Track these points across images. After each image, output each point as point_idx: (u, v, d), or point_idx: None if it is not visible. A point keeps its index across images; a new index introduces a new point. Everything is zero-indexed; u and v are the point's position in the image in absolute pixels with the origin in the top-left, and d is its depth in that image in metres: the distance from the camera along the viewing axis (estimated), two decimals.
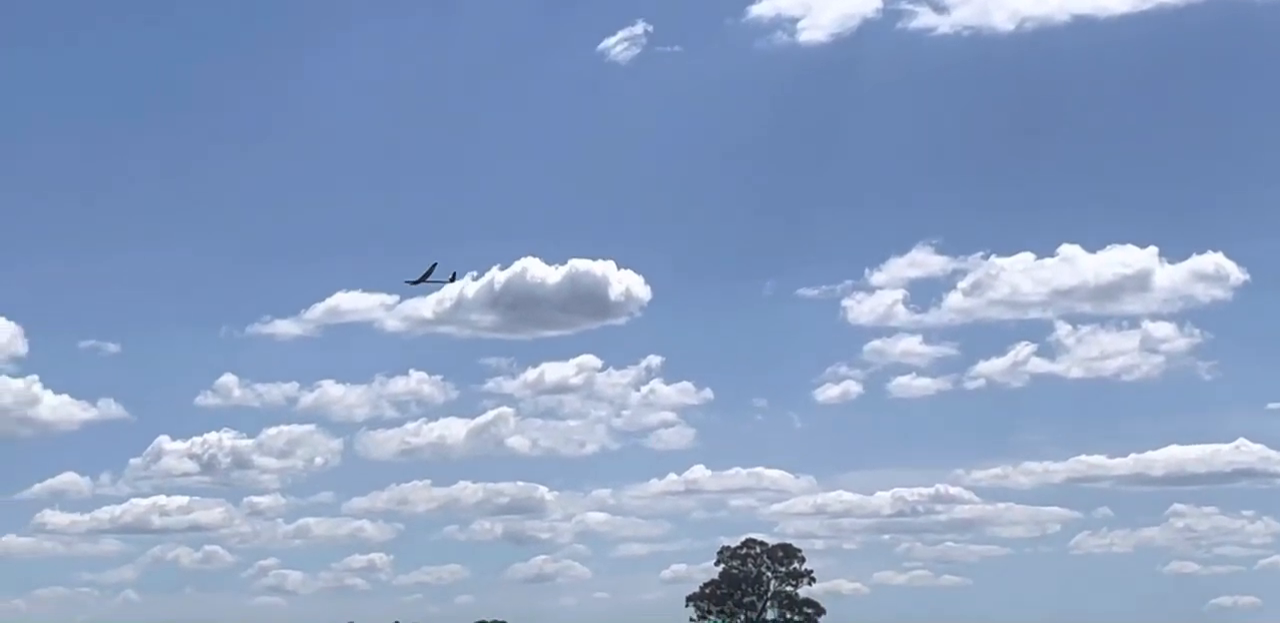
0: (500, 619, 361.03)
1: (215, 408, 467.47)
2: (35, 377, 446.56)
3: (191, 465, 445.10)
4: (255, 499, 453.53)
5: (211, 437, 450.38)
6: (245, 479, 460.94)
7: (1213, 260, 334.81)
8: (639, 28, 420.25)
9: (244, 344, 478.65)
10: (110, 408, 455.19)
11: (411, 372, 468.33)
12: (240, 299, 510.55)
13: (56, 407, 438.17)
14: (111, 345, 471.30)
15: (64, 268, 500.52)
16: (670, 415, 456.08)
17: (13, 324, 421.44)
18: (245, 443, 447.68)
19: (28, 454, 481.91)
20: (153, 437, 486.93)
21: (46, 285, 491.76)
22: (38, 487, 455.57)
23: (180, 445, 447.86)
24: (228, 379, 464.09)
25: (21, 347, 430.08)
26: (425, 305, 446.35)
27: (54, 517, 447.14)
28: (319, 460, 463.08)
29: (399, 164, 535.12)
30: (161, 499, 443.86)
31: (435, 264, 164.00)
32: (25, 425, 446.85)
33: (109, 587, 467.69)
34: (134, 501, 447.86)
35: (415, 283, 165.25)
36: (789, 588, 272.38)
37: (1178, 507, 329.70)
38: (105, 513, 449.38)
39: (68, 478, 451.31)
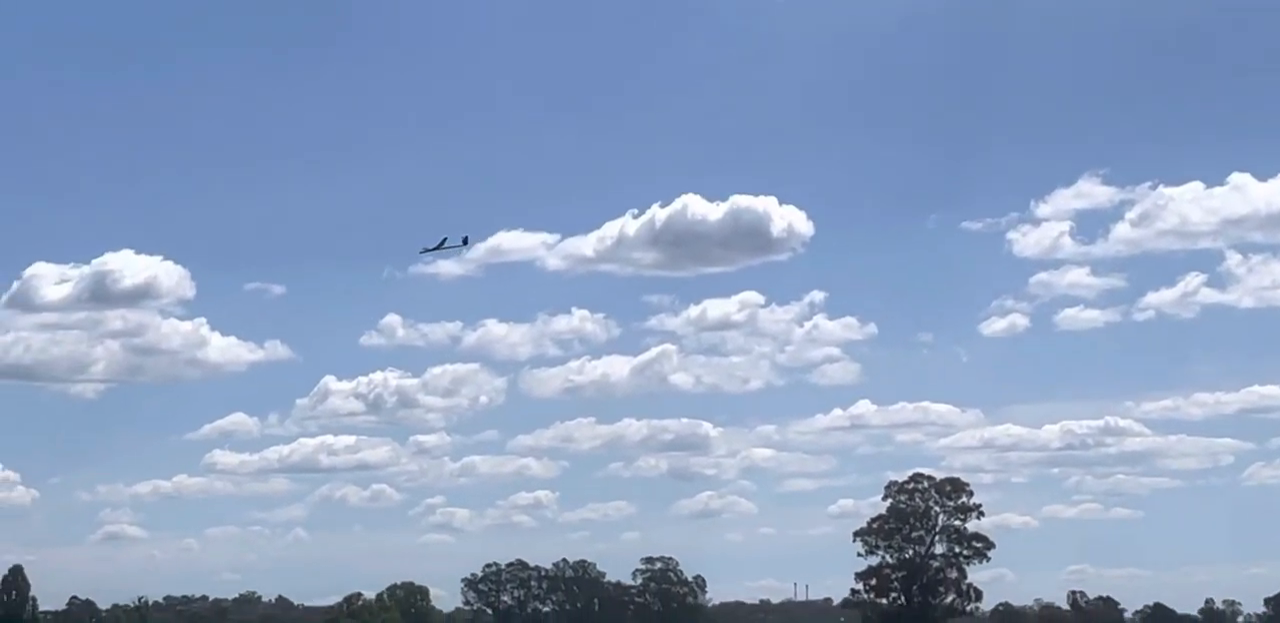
0: (667, 555, 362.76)
1: (380, 348, 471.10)
2: (203, 319, 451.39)
3: (357, 405, 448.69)
4: (421, 438, 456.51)
5: (377, 376, 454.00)
6: (411, 418, 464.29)
7: None
8: None
9: (407, 284, 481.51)
10: (277, 349, 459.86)
11: (574, 310, 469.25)
12: (402, 239, 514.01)
13: (224, 348, 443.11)
14: (276, 287, 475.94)
15: (229, 212, 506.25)
16: (834, 351, 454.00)
17: (180, 268, 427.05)
18: (410, 382, 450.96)
19: (197, 396, 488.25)
20: (319, 377, 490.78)
21: (212, 229, 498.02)
22: (207, 428, 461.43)
23: (346, 385, 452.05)
24: (391, 319, 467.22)
25: (189, 290, 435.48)
26: (586, 244, 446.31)
27: (224, 457, 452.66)
28: (483, 399, 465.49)
29: (560, 102, 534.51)
30: (329, 439, 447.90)
31: (446, 238, 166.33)
32: (194, 367, 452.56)
33: (279, 525, 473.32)
34: (301, 440, 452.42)
35: (430, 251, 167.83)
36: (957, 522, 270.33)
37: None
38: (274, 453, 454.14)
39: (236, 419, 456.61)
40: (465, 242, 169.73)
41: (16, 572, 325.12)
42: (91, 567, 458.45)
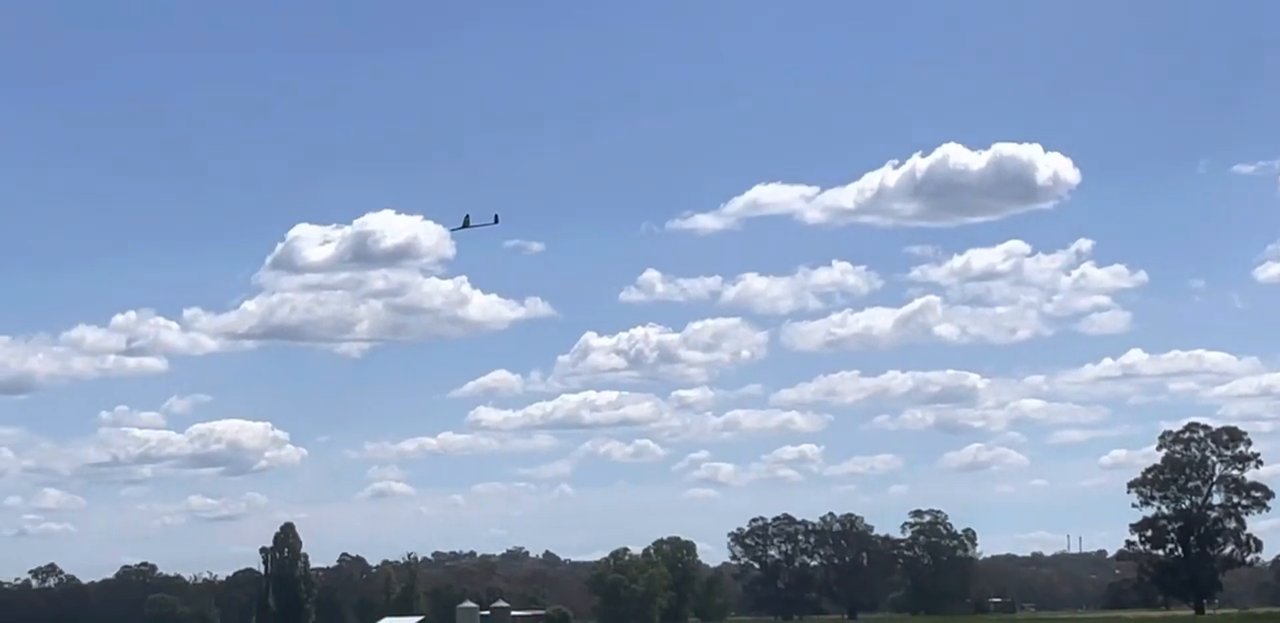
0: (935, 509, 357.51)
1: (639, 303, 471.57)
2: (464, 277, 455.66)
3: (619, 361, 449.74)
4: (683, 393, 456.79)
5: (637, 332, 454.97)
6: (672, 373, 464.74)
7: None
8: None
9: (665, 239, 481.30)
10: (537, 306, 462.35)
11: (834, 262, 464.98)
12: (660, 195, 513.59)
13: (485, 306, 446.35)
14: (535, 244, 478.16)
15: (487, 170, 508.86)
16: (1103, 299, 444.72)
17: (440, 227, 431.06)
18: (671, 337, 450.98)
19: (460, 353, 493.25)
20: (580, 333, 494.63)
21: (471, 187, 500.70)
22: (471, 385, 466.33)
23: (607, 341, 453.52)
24: (650, 275, 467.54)
25: (449, 249, 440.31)
26: (845, 195, 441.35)
27: (488, 414, 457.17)
28: (745, 353, 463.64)
29: (815, 54, 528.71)
30: (591, 395, 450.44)
31: (468, 215, 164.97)
32: (456, 325, 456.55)
33: (544, 481, 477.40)
34: (564, 396, 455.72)
35: (457, 230, 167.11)
36: (1235, 472, 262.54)
37: None
38: (537, 409, 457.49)
39: (499, 376, 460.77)
40: (496, 220, 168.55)
41: (288, 529, 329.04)
42: (360, 524, 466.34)
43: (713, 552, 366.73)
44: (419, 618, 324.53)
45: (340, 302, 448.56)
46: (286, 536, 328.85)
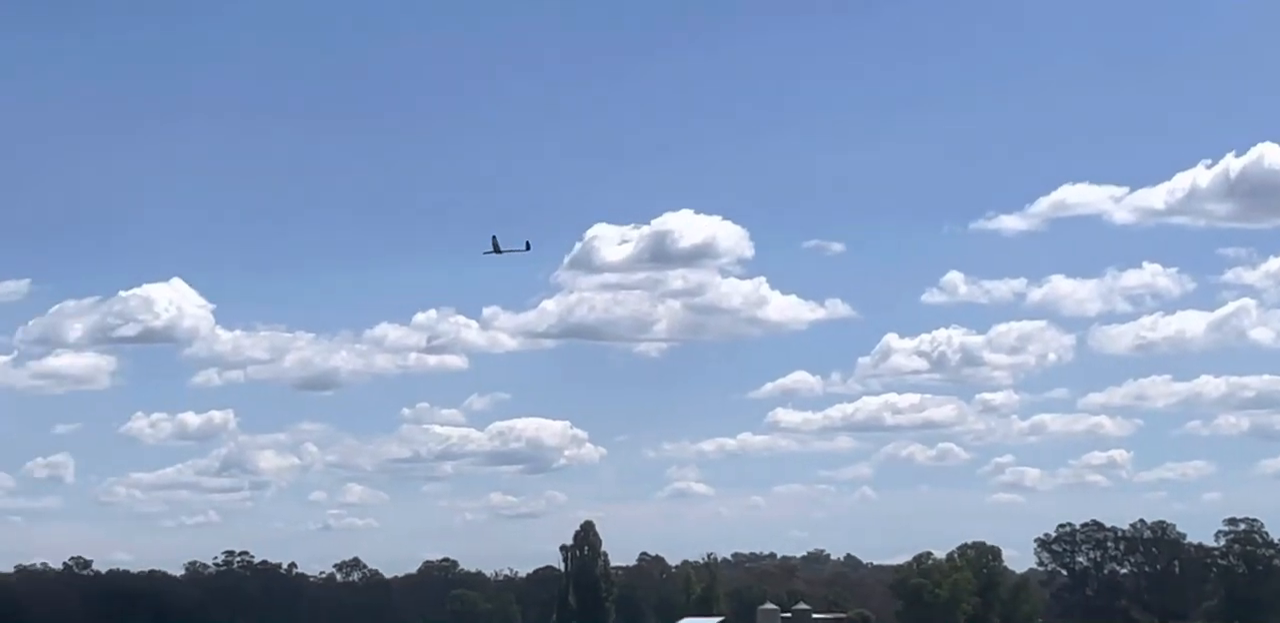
0: (1251, 517, 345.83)
1: (942, 305, 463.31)
2: (763, 278, 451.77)
3: (921, 363, 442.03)
4: (987, 396, 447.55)
5: (940, 334, 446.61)
6: (976, 376, 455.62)
7: None
8: None
9: (968, 240, 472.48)
10: (837, 307, 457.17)
11: (1145, 264, 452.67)
12: (963, 195, 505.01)
13: (784, 307, 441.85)
14: (835, 245, 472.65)
15: (786, 171, 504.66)
16: None
17: (738, 227, 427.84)
18: (974, 340, 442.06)
19: (759, 354, 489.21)
20: (880, 335, 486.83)
21: (769, 188, 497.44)
22: (769, 386, 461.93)
23: (908, 343, 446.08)
24: (953, 276, 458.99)
25: (748, 249, 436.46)
26: (1156, 196, 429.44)
27: (787, 415, 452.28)
28: (1051, 356, 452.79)
29: (1123, 52, 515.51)
30: (892, 397, 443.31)
31: (495, 237, 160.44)
32: (755, 326, 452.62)
33: (845, 483, 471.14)
34: (865, 398, 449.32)
35: (488, 253, 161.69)
36: None
37: None
38: (837, 411, 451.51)
39: (798, 377, 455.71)
40: (527, 247, 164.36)
41: (588, 528, 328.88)
42: (659, 523, 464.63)
43: (1018, 558, 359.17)
44: (719, 619, 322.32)
45: (638, 301, 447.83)
46: (586, 534, 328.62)
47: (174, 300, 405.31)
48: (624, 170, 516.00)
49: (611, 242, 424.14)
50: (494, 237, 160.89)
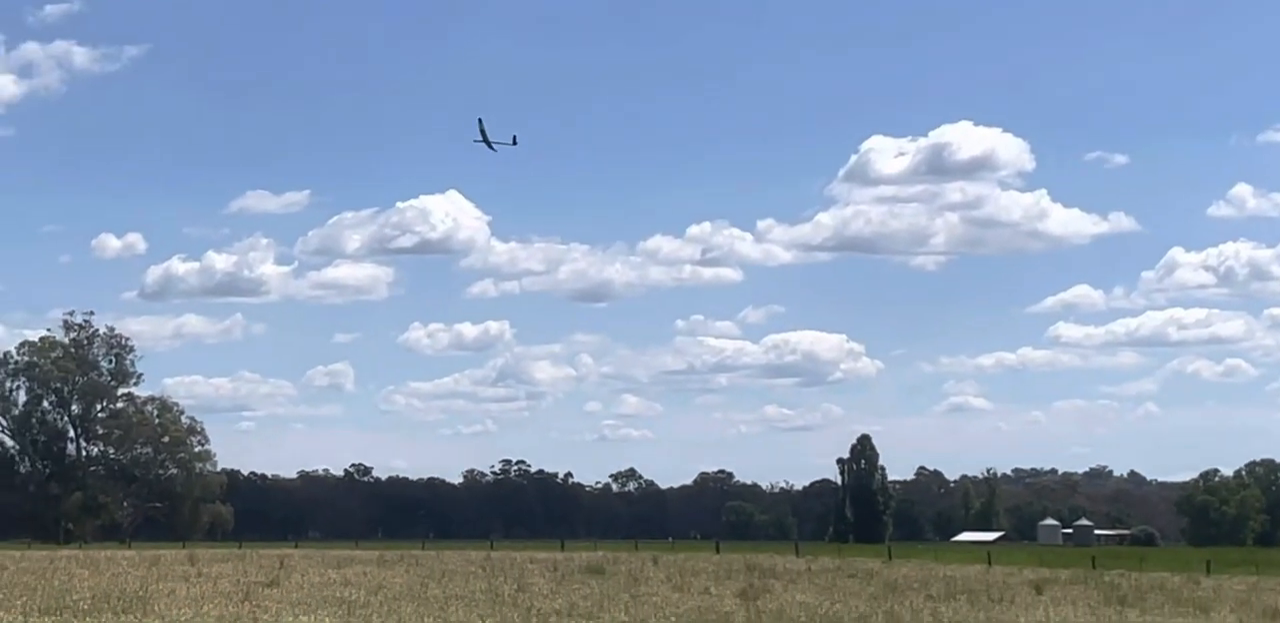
0: None
1: (1229, 218, 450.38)
2: (1044, 191, 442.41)
3: (1207, 277, 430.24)
4: (1276, 312, 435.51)
5: (1227, 248, 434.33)
6: (1265, 291, 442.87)
7: None
8: None
9: (1257, 153, 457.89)
10: (1120, 220, 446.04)
11: None
12: (1252, 105, 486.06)
13: (1066, 221, 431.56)
14: (1119, 157, 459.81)
15: (1069, 81, 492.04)
16: None
17: (1020, 140, 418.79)
18: (1263, 254, 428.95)
19: (1039, 268, 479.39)
20: (1165, 249, 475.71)
21: (1051, 100, 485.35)
22: (1050, 300, 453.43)
23: (1194, 257, 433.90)
24: (1241, 189, 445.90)
25: (1029, 162, 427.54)
26: None
27: (1068, 329, 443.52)
28: None
29: None
30: (1177, 312, 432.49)
31: (482, 123, 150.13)
32: (1036, 239, 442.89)
33: (1128, 399, 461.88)
34: (1149, 313, 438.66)
35: (477, 142, 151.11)
36: None
37: None
38: (1120, 326, 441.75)
39: (1080, 291, 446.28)
40: (514, 141, 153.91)
41: (865, 441, 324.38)
42: (937, 438, 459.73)
43: None
44: (999, 534, 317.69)
45: (915, 214, 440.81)
46: (863, 447, 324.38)
47: (450, 212, 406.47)
48: (901, 81, 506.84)
49: (888, 154, 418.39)
50: (479, 119, 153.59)
